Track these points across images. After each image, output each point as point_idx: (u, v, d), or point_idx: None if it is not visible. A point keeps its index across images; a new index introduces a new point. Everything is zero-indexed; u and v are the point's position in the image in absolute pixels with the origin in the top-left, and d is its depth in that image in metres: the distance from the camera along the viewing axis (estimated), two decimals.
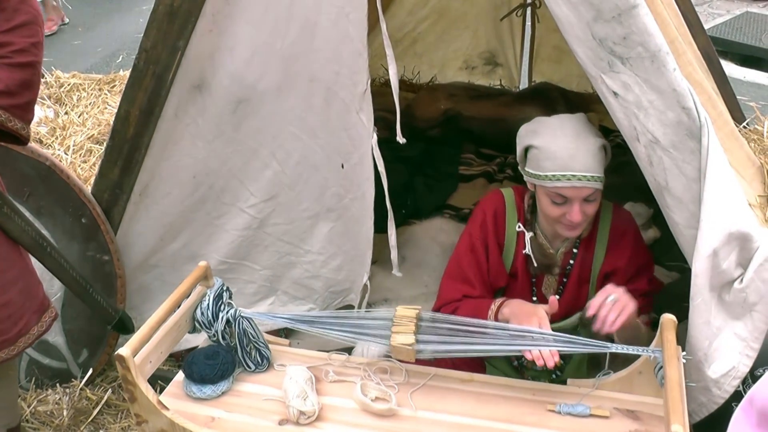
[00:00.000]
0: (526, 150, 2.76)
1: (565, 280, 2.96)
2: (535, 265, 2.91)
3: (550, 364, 2.47)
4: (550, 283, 2.97)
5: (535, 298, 2.98)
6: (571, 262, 2.93)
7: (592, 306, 2.56)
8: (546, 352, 2.47)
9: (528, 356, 2.48)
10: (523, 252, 2.91)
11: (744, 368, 2.61)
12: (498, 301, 2.82)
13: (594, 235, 2.91)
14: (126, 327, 3.31)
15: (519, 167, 2.86)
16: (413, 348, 2.56)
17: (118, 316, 3.26)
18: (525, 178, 2.81)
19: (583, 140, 2.63)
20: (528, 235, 2.89)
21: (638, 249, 2.92)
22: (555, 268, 2.93)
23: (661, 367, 2.39)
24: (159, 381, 2.99)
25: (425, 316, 2.65)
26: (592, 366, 2.96)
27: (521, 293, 2.96)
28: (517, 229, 2.91)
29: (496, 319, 2.75)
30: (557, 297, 2.86)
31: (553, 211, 2.72)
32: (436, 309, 2.96)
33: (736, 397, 2.57)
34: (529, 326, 2.56)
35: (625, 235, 2.90)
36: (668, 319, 2.51)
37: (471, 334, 2.57)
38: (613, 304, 2.53)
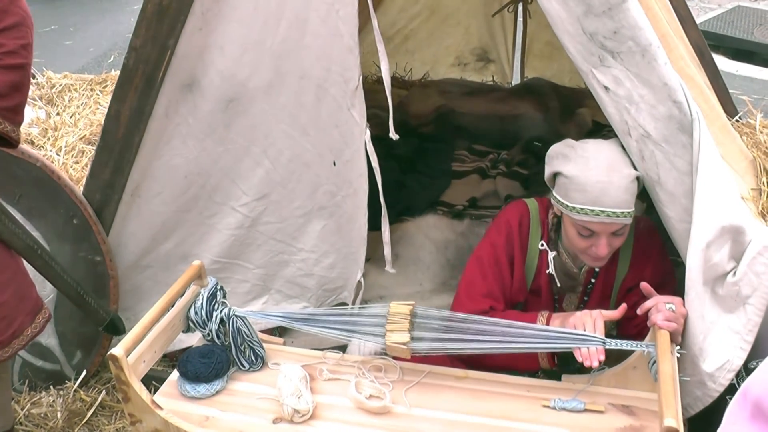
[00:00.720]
0: (555, 175, 2.69)
1: (586, 298, 2.93)
2: (558, 285, 2.88)
3: (595, 364, 2.44)
4: (571, 300, 2.95)
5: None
6: (593, 280, 2.90)
7: (643, 309, 2.53)
8: (593, 351, 2.44)
9: (578, 356, 2.45)
10: (547, 272, 2.87)
11: (738, 361, 2.61)
12: (544, 314, 2.75)
13: (617, 252, 2.84)
14: (117, 329, 3.30)
15: (548, 185, 2.79)
16: (408, 347, 2.55)
17: (110, 317, 3.25)
18: (552, 201, 2.73)
19: (616, 173, 2.56)
20: (551, 254, 2.84)
21: (662, 262, 2.87)
22: (578, 286, 2.91)
23: (655, 362, 2.38)
24: (153, 382, 2.98)
25: (419, 312, 2.63)
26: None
27: (543, 309, 2.93)
28: (540, 247, 2.86)
29: None
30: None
31: (579, 243, 2.67)
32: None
33: (731, 390, 2.57)
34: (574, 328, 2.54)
35: (649, 250, 2.86)
36: None
37: (466, 331, 2.56)
38: (671, 313, 2.48)
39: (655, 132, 2.53)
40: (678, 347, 2.52)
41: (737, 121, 3.98)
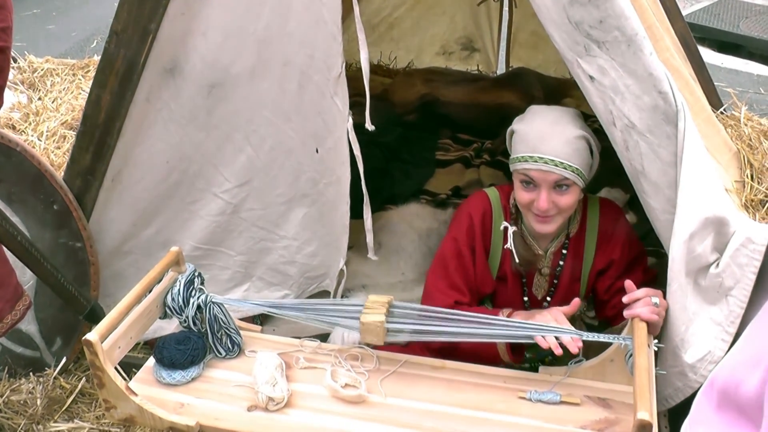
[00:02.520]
0: (511, 136, 2.76)
1: (555, 281, 2.93)
2: (517, 260, 2.87)
3: (574, 350, 2.46)
4: (540, 283, 2.95)
5: (526, 298, 2.96)
6: (561, 263, 2.91)
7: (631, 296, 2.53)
8: (567, 339, 2.47)
9: (542, 344, 2.47)
10: (505, 247, 2.87)
11: (720, 353, 2.62)
12: (505, 311, 2.78)
13: (583, 232, 2.89)
14: (98, 317, 3.28)
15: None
16: (383, 326, 2.53)
17: (90, 306, 3.23)
18: (511, 167, 2.77)
19: (560, 127, 2.62)
20: (511, 229, 2.85)
21: (630, 242, 2.89)
22: (545, 269, 2.91)
23: (632, 355, 2.38)
24: (134, 369, 2.96)
25: (397, 304, 2.64)
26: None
27: (512, 295, 2.95)
28: (501, 227, 2.87)
29: None
30: (548, 298, 2.87)
31: (522, 195, 2.70)
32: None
33: None
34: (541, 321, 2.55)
35: (616, 228, 2.87)
36: None
37: (444, 321, 2.56)
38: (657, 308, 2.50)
39: (639, 122, 2.53)
40: (656, 340, 2.53)
41: (722, 113, 3.99)
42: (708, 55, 7.50)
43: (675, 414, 2.75)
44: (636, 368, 2.24)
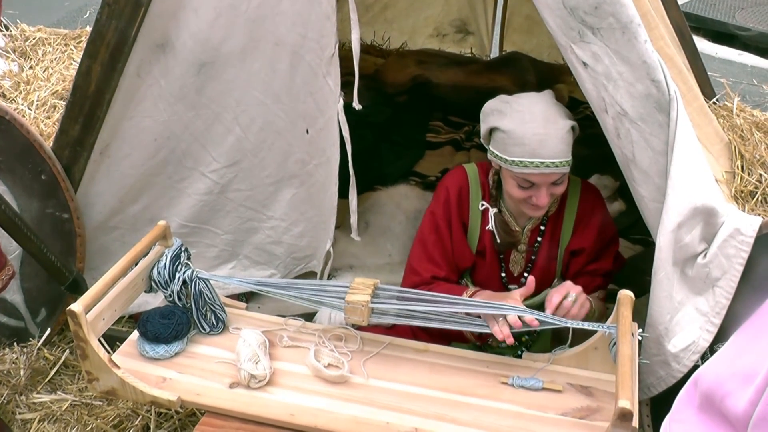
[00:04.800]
0: (491, 130, 2.70)
1: (533, 257, 2.94)
2: (498, 241, 2.89)
3: (504, 338, 2.48)
4: (517, 260, 2.96)
5: (503, 275, 2.97)
6: (539, 239, 2.91)
7: (551, 305, 2.53)
8: (498, 329, 2.50)
9: (498, 334, 2.50)
10: (487, 228, 2.88)
11: (704, 343, 2.64)
12: (470, 290, 2.81)
13: (562, 213, 2.90)
14: (80, 288, 3.27)
15: (483, 143, 2.80)
16: (368, 306, 2.54)
17: (72, 276, 3.22)
18: (489, 157, 2.74)
19: (552, 124, 2.57)
20: (492, 211, 2.86)
21: (605, 226, 2.91)
22: (521, 245, 2.92)
23: (616, 343, 2.37)
24: (118, 343, 2.95)
25: (382, 287, 2.64)
26: (557, 342, 2.95)
27: (489, 271, 2.96)
28: (481, 207, 2.88)
29: None
30: (525, 275, 2.87)
31: (519, 194, 2.68)
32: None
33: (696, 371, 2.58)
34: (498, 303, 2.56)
35: (593, 213, 2.89)
36: (625, 295, 2.51)
37: (429, 303, 2.58)
38: (571, 305, 2.53)
39: (632, 110, 2.52)
40: (641, 330, 2.52)
41: (714, 103, 4.00)
42: (703, 45, 7.52)
43: (657, 402, 2.77)
44: (619, 356, 2.25)
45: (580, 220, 2.88)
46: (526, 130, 2.56)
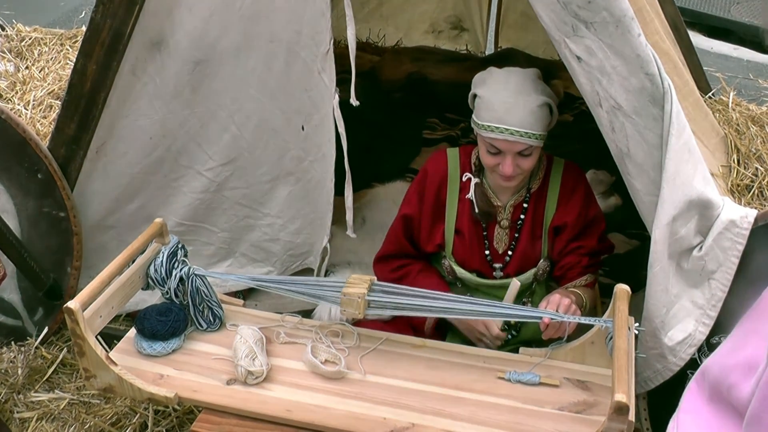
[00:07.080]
0: (474, 97, 2.81)
1: (517, 235, 2.96)
2: (477, 210, 2.91)
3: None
4: (501, 237, 2.97)
5: (487, 252, 2.97)
6: (522, 217, 2.93)
7: (543, 324, 2.56)
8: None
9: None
10: (466, 197, 2.92)
11: (700, 336, 2.64)
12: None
13: (545, 189, 2.94)
14: (58, 295, 3.34)
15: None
16: (364, 299, 2.55)
17: (49, 283, 3.23)
18: (472, 124, 2.82)
19: (523, 96, 2.66)
20: (474, 181, 2.92)
21: (588, 203, 2.95)
22: (504, 221, 2.94)
23: (612, 338, 2.38)
24: (115, 341, 2.95)
25: (379, 283, 2.66)
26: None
27: (472, 248, 2.98)
28: (464, 178, 2.94)
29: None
30: (510, 253, 2.93)
31: (488, 160, 2.77)
32: (380, 256, 3.13)
33: (692, 365, 2.61)
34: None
35: (576, 190, 2.93)
36: (621, 289, 2.52)
37: (424, 299, 2.60)
38: (559, 324, 2.55)
39: (626, 104, 2.51)
40: (637, 324, 2.52)
41: (710, 97, 4.00)
42: (698, 39, 7.47)
43: (654, 396, 2.77)
44: (615, 350, 2.26)
45: (562, 197, 2.93)
46: (498, 97, 2.68)
